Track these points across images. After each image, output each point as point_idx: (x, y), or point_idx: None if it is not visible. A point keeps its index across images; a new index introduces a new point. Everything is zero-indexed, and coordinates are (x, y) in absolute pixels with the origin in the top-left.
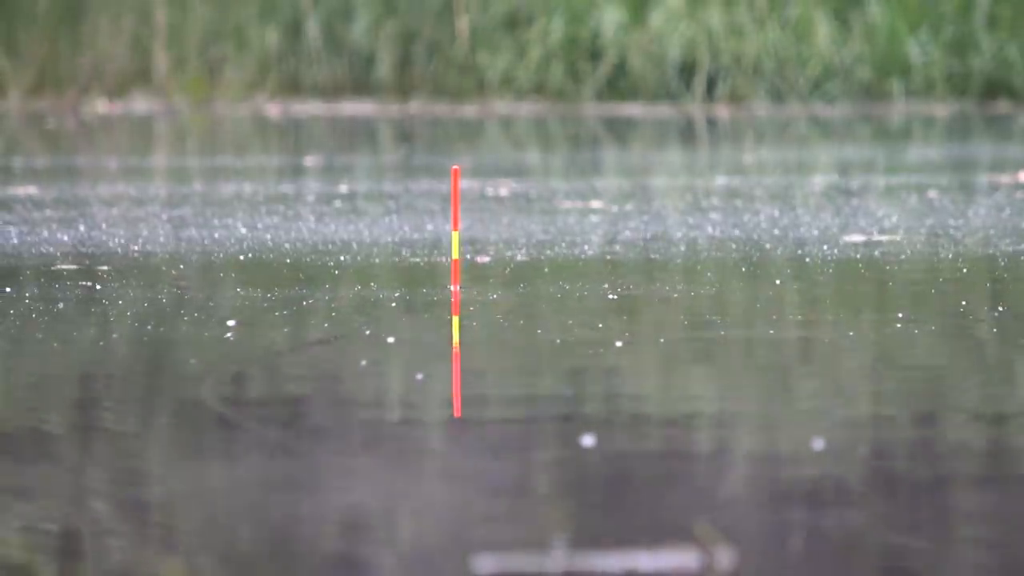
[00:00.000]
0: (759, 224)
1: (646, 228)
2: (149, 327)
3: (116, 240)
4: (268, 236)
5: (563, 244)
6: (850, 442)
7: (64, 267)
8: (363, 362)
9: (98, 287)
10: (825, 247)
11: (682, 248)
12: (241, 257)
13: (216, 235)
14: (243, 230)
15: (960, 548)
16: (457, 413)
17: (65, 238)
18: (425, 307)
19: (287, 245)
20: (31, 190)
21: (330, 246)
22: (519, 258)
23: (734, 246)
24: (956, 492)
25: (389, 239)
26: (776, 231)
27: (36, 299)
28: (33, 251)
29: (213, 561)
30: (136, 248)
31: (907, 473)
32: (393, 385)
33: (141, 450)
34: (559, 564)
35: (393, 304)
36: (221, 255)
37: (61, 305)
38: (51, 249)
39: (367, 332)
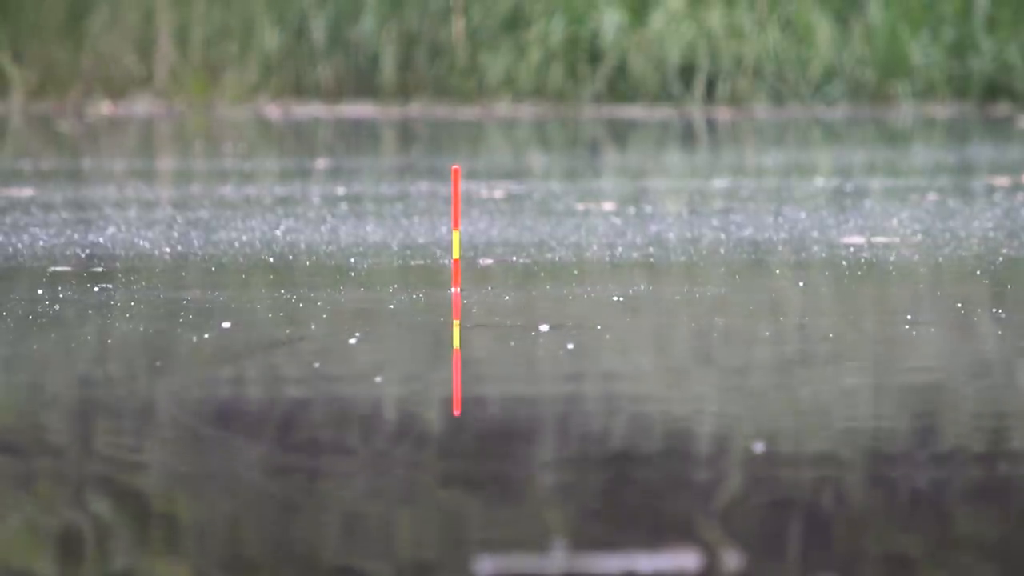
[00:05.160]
0: (763, 225)
1: (668, 230)
2: (141, 328)
3: (134, 243)
4: (284, 238)
5: (593, 247)
6: (850, 443)
7: (61, 269)
8: (316, 364)
9: (95, 289)
10: (823, 248)
11: (697, 250)
12: (270, 259)
13: (222, 237)
14: (259, 233)
15: (960, 549)
16: (456, 412)
17: (85, 240)
18: (431, 309)
19: (300, 247)
20: (40, 192)
21: (355, 248)
22: (547, 259)
23: (740, 247)
24: (956, 493)
25: (405, 241)
26: (784, 233)
27: (38, 301)
28: (55, 254)
29: (212, 563)
30: (166, 250)
31: (907, 473)
32: (388, 386)
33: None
34: (559, 565)
35: (392, 305)
36: (238, 257)
37: (57, 307)
38: (71, 252)
39: (357, 335)
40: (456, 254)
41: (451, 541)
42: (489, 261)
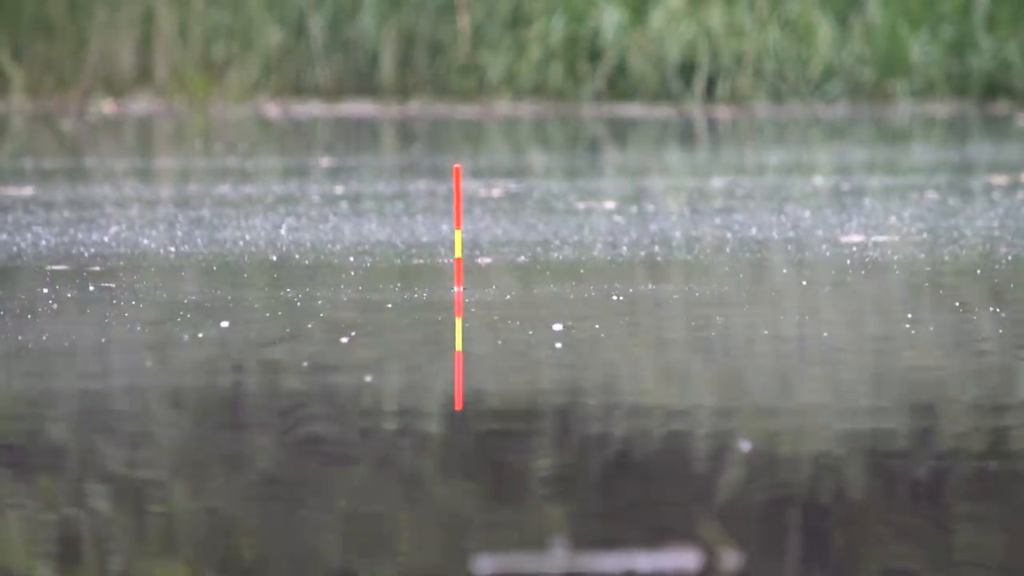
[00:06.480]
0: (764, 224)
1: (669, 229)
2: (139, 328)
3: (137, 241)
4: (287, 237)
5: (598, 245)
6: (849, 442)
7: (61, 267)
8: (315, 363)
9: (92, 288)
10: (824, 246)
11: (698, 248)
12: (273, 258)
13: (225, 236)
14: (262, 232)
15: (960, 549)
16: (458, 406)
17: (91, 239)
18: (432, 307)
19: (304, 245)
20: (42, 191)
21: (356, 247)
22: (549, 258)
23: (741, 246)
24: (956, 493)
25: (406, 239)
26: (784, 231)
27: (39, 299)
28: (59, 252)
29: (211, 561)
30: (170, 249)
31: (906, 473)
32: (389, 385)
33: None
34: (559, 565)
35: (389, 305)
36: (242, 256)
37: (56, 306)
38: (74, 251)
39: (353, 332)
40: (458, 253)
41: (450, 539)
42: (488, 260)
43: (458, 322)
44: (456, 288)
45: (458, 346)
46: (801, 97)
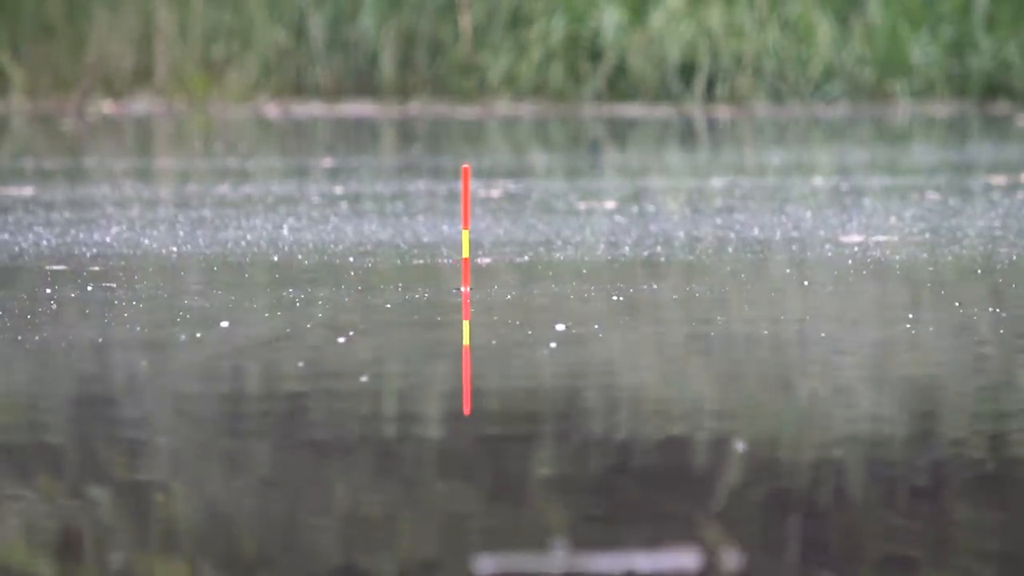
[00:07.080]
0: (764, 224)
1: (670, 229)
2: (138, 328)
3: (138, 241)
4: (289, 237)
5: (600, 246)
6: (849, 443)
7: (60, 268)
8: (312, 363)
9: (90, 288)
10: (824, 247)
11: (700, 249)
12: (274, 258)
13: (228, 236)
14: (264, 232)
15: (959, 551)
16: (467, 411)
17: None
18: (434, 308)
19: (306, 246)
20: (42, 191)
21: (357, 247)
22: (550, 258)
23: (741, 246)
24: (955, 493)
25: (407, 240)
26: (784, 232)
27: (39, 300)
28: (60, 253)
29: (212, 562)
30: (172, 250)
31: (906, 475)
32: (389, 386)
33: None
34: (559, 565)
35: (388, 305)
36: (243, 256)
37: (56, 306)
38: (76, 251)
39: (351, 333)
40: (465, 253)
41: (451, 539)
42: (488, 260)
43: (466, 323)
44: (463, 288)
45: (466, 342)
46: (801, 97)
